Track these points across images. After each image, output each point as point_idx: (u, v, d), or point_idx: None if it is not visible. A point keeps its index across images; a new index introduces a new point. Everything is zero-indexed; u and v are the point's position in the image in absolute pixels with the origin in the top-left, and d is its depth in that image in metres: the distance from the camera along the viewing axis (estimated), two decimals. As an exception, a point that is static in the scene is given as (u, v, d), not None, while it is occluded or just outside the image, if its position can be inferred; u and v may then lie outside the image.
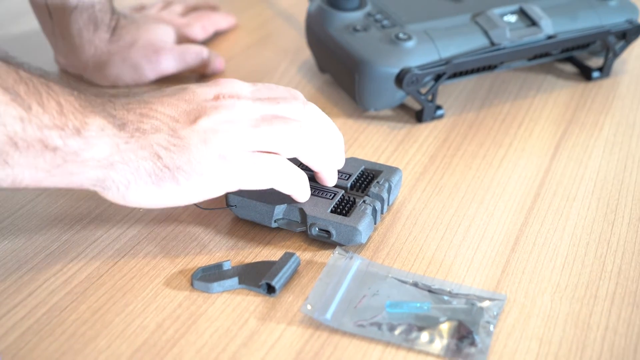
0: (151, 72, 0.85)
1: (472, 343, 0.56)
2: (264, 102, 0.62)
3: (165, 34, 0.87)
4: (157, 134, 0.57)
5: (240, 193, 0.66)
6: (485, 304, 0.59)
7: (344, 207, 0.65)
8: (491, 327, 0.57)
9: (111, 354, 0.55)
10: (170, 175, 0.57)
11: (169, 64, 0.85)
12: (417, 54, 0.78)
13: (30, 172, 0.53)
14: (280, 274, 0.61)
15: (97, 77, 0.85)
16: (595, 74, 0.89)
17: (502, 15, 0.83)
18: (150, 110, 0.58)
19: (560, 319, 0.59)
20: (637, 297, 0.61)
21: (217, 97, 0.61)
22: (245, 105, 0.61)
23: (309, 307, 0.58)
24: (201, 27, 0.93)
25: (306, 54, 0.94)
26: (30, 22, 0.92)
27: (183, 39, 0.91)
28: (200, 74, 0.89)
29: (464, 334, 0.56)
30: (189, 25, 0.92)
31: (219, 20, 0.97)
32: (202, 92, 0.61)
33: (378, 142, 0.79)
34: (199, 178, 0.58)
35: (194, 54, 0.86)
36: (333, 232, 0.63)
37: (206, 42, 0.96)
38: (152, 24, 0.87)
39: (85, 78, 0.86)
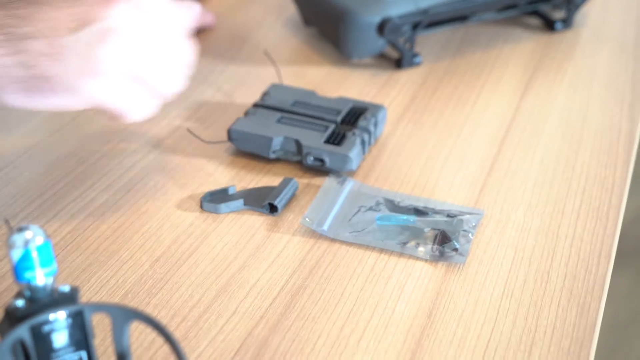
0: (148, 25, 0.90)
1: (453, 248, 0.63)
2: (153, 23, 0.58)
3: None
4: (33, 39, 0.53)
5: (241, 127, 0.72)
6: (465, 217, 0.66)
7: (336, 139, 0.72)
8: (470, 235, 0.64)
9: (133, 264, 0.62)
10: (39, 87, 0.54)
11: (164, 18, 0.90)
12: (397, 5, 0.85)
13: None
14: (281, 196, 0.67)
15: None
16: (558, 26, 0.97)
17: (474, -31, 0.90)
18: (36, 12, 0.54)
19: (532, 231, 0.66)
20: (599, 211, 0.68)
21: (109, 1, 0.56)
22: (140, 17, 0.57)
23: (307, 219, 0.65)
24: (191, -16, 0.99)
25: (289, 10, 1.00)
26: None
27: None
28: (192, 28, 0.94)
29: (445, 241, 0.63)
30: (179, -18, 0.98)
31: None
32: None
33: (361, 86, 0.85)
34: (68, 93, 0.55)
35: (188, 8, 0.91)
36: (327, 159, 0.70)
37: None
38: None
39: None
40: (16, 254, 0.45)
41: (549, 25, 0.97)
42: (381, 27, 0.84)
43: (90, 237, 0.64)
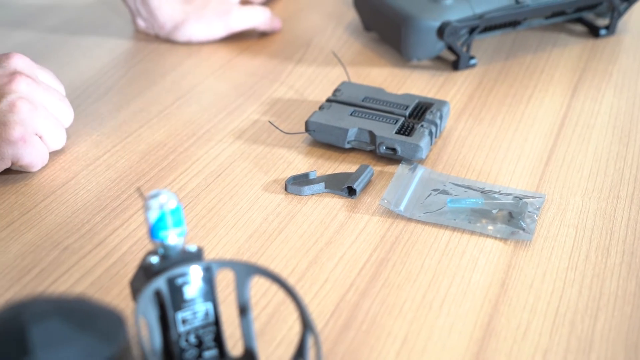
0: (222, 30, 0.98)
1: (521, 227, 0.69)
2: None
3: (231, -4, 1.00)
4: None
5: (318, 119, 0.78)
6: (529, 200, 0.72)
7: (406, 130, 0.78)
8: (535, 216, 0.70)
9: (230, 239, 0.68)
10: None
11: (238, 23, 0.98)
12: (455, 10, 0.91)
13: None
14: (359, 180, 0.73)
15: (174, 35, 0.98)
16: (603, 32, 1.03)
17: (525, -22, 0.96)
18: None
19: (590, 213, 0.72)
20: (651, 196, 0.74)
21: (12, 80, 0.72)
22: (36, 89, 0.74)
23: (385, 201, 0.71)
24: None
25: (349, 16, 1.06)
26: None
27: (246, 1, 1.04)
28: (261, 32, 1.01)
29: (513, 220, 0.69)
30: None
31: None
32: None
33: (422, 85, 0.92)
34: None
35: (260, 13, 0.98)
36: (398, 148, 0.76)
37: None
38: (220, -12, 1.00)
39: (162, 37, 0.99)
40: (153, 215, 0.51)
41: (593, 31, 1.04)
42: (441, 31, 0.91)
43: (188, 215, 0.70)
